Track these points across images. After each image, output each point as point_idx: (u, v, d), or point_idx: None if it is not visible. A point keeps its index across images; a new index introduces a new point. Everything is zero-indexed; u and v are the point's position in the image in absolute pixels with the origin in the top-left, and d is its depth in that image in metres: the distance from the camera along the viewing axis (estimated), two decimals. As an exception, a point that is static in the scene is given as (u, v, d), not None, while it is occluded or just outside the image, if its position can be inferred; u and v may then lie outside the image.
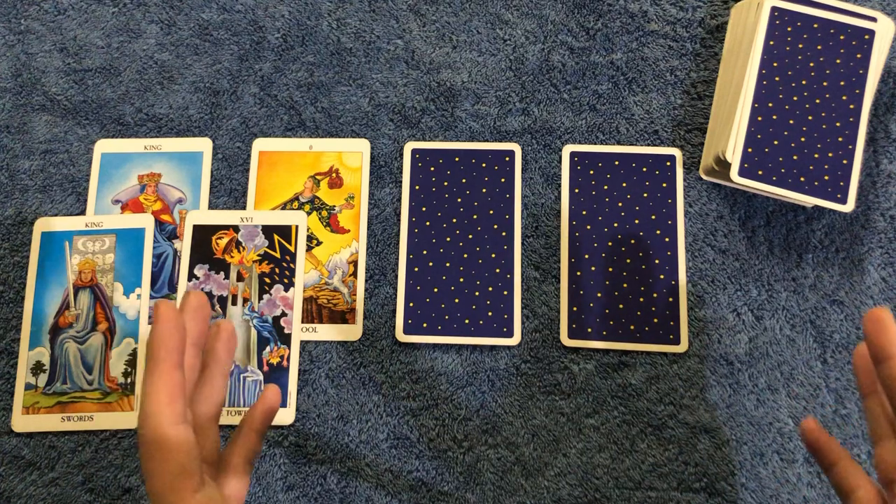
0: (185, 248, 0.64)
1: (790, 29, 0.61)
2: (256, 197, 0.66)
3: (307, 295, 0.63)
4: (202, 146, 0.67)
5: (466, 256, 0.63)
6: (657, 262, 0.62)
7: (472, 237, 0.64)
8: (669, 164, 0.64)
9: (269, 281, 0.63)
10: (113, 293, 0.63)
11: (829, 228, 0.63)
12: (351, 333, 0.62)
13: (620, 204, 0.64)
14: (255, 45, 0.69)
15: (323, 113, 0.67)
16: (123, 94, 0.68)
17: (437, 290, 0.63)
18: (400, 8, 0.69)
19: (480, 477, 0.59)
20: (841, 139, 0.59)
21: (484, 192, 0.65)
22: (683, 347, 0.61)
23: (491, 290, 0.63)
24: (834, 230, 0.63)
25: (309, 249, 0.64)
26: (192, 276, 0.64)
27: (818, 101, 0.59)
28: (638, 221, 0.63)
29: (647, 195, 0.64)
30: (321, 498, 0.59)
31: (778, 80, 0.60)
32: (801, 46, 0.61)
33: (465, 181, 0.65)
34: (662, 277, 0.62)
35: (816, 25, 0.61)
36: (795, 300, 0.62)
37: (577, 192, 0.64)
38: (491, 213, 0.64)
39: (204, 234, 0.64)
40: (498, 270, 0.63)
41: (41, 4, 0.71)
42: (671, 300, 0.62)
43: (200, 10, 0.70)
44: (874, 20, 0.60)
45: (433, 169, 0.66)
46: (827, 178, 0.58)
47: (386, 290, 0.63)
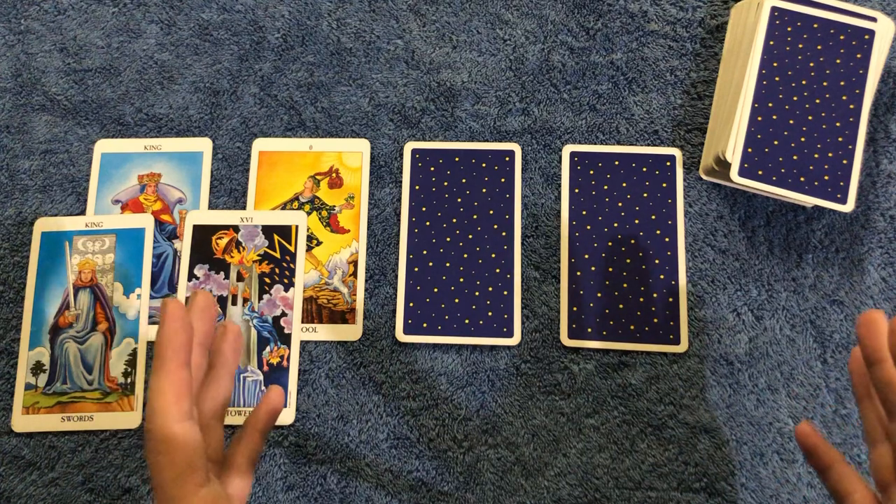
0: (185, 248, 0.64)
1: (790, 29, 0.61)
2: (256, 197, 0.66)
3: (307, 295, 0.63)
4: (202, 146, 0.67)
5: (466, 256, 0.63)
6: (657, 262, 0.62)
7: (472, 237, 0.64)
8: (669, 164, 0.64)
9: (269, 281, 0.63)
10: (113, 293, 0.63)
11: (829, 228, 0.63)
12: (351, 333, 0.62)
13: (620, 204, 0.64)
14: (255, 45, 0.69)
15: (323, 113, 0.67)
16: (123, 94, 0.68)
17: (437, 290, 0.63)
18: (400, 8, 0.69)
19: (480, 477, 0.59)
20: (841, 139, 0.59)
21: (484, 192, 0.65)
22: (683, 347, 0.61)
23: (491, 290, 0.62)
24: (834, 230, 0.63)
25: (309, 249, 0.64)
26: (192, 276, 0.64)
27: (818, 101, 0.59)
28: (638, 221, 0.63)
29: (647, 195, 0.64)
30: (321, 498, 0.59)
31: (778, 80, 0.60)
32: (801, 46, 0.61)
33: (465, 181, 0.65)
34: (662, 277, 0.62)
35: (816, 25, 0.61)
36: (795, 300, 0.62)
37: (577, 192, 0.64)
38: (491, 213, 0.64)
39: (204, 234, 0.64)
40: (498, 270, 0.63)
41: (41, 4, 0.71)
42: (671, 300, 0.62)
43: (200, 10, 0.70)
44: (874, 20, 0.60)
45: (433, 169, 0.66)
46: (827, 178, 0.58)
47: (386, 290, 0.63)
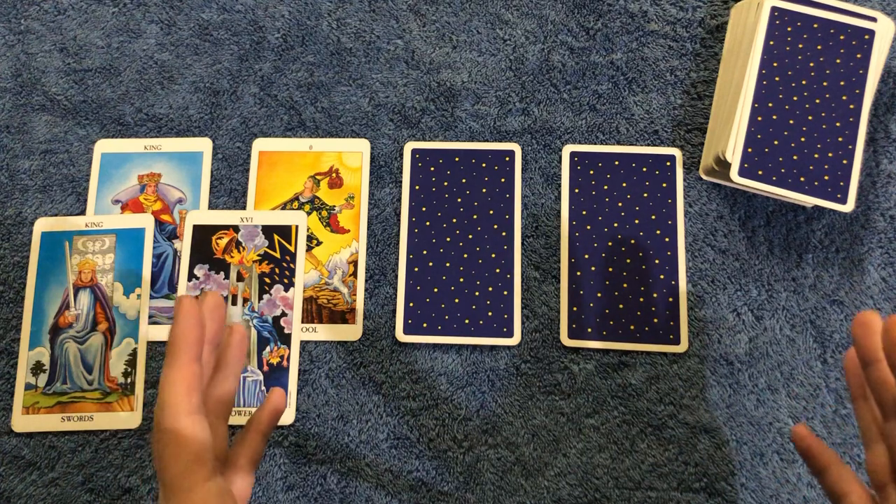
0: (185, 248, 0.64)
1: (790, 29, 0.61)
2: (256, 197, 0.66)
3: (307, 295, 0.63)
4: (202, 146, 0.67)
5: (466, 256, 0.63)
6: (657, 262, 0.62)
7: (472, 237, 0.64)
8: (669, 164, 0.64)
9: (269, 281, 0.63)
10: (113, 293, 0.63)
11: (829, 228, 0.63)
12: (351, 333, 0.62)
13: (620, 204, 0.64)
14: (255, 45, 0.69)
15: (323, 113, 0.67)
16: (123, 94, 0.68)
17: (437, 290, 0.63)
18: (400, 8, 0.69)
19: (480, 477, 0.59)
20: (841, 139, 0.59)
21: (484, 192, 0.65)
22: (683, 347, 0.61)
23: (491, 290, 0.62)
24: (834, 230, 0.63)
25: (309, 249, 0.64)
26: (192, 276, 0.64)
27: (818, 101, 0.59)
28: (638, 221, 0.63)
29: (647, 195, 0.64)
30: (321, 498, 0.59)
31: (778, 80, 0.60)
32: (801, 46, 0.61)
33: (465, 181, 0.65)
34: (662, 277, 0.62)
35: (816, 25, 0.61)
36: (795, 300, 0.62)
37: (577, 192, 0.64)
38: (491, 213, 0.64)
39: (204, 234, 0.64)
40: (498, 270, 0.63)
41: (41, 4, 0.71)
42: (671, 300, 0.62)
43: (200, 10, 0.70)
44: (874, 20, 0.60)
45: (433, 169, 0.66)
46: (827, 178, 0.58)
47: (386, 290, 0.63)
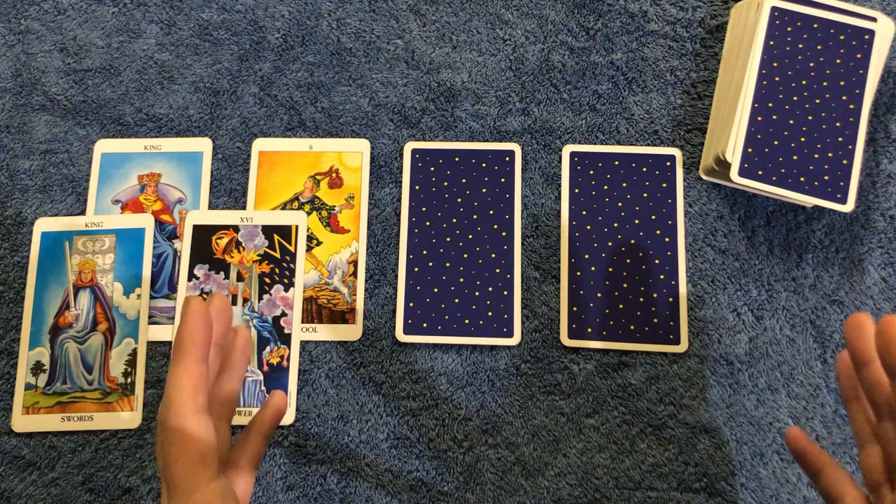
0: (185, 248, 0.64)
1: (790, 29, 0.61)
2: (256, 197, 0.66)
3: (307, 295, 0.63)
4: (202, 146, 0.67)
5: (466, 256, 0.63)
6: (657, 262, 0.62)
7: (472, 237, 0.64)
8: (669, 164, 0.64)
9: (269, 281, 0.63)
10: (113, 293, 0.63)
11: (829, 228, 0.63)
12: (351, 333, 0.62)
13: (620, 204, 0.64)
14: (255, 45, 0.69)
15: (323, 113, 0.67)
16: (123, 94, 0.68)
17: (437, 290, 0.63)
18: (400, 8, 0.69)
19: (480, 477, 0.59)
20: (841, 139, 0.59)
21: (484, 192, 0.65)
22: (683, 347, 0.61)
23: (491, 290, 0.62)
24: (834, 230, 0.63)
25: (309, 249, 0.64)
26: (192, 276, 0.64)
27: (818, 101, 0.59)
28: (638, 221, 0.63)
29: (647, 195, 0.64)
30: (321, 498, 0.59)
31: (778, 80, 0.60)
32: (801, 46, 0.61)
33: (465, 181, 0.65)
34: (662, 277, 0.62)
35: (816, 25, 0.61)
36: (795, 300, 0.62)
37: (577, 192, 0.64)
38: (491, 213, 0.64)
39: (204, 234, 0.64)
40: (498, 270, 0.63)
41: (41, 4, 0.71)
42: (671, 300, 0.62)
43: (200, 10, 0.70)
44: (874, 20, 0.60)
45: (433, 169, 0.66)
46: (827, 178, 0.58)
47: (386, 290, 0.63)
